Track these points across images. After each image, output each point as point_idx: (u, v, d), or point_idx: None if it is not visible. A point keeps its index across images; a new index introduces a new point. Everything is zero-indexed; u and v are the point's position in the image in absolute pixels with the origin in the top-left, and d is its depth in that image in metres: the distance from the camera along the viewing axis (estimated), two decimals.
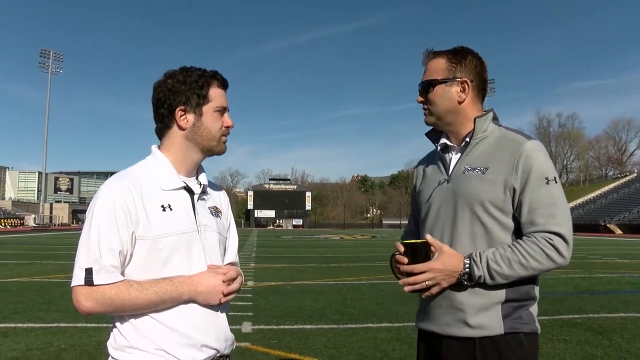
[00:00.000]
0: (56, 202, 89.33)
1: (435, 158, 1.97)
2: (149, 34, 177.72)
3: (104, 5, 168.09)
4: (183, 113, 1.65)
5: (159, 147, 1.71)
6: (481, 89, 1.88)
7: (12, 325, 6.59)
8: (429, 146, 2.01)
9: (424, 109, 1.90)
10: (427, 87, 1.87)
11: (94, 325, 6.34)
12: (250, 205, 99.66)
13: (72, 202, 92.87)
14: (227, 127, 1.72)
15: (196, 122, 1.66)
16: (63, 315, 7.07)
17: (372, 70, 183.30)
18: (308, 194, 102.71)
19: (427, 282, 1.70)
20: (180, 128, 1.67)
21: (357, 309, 8.00)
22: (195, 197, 1.69)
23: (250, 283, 10.81)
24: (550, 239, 1.65)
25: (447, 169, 1.88)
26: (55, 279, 11.37)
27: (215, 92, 1.68)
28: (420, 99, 1.90)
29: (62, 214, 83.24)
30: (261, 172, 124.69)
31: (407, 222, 2.09)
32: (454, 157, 1.88)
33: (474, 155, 1.81)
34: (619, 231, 56.64)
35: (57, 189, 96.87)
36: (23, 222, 68.31)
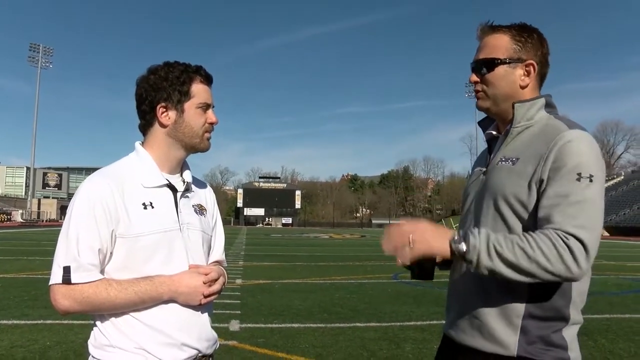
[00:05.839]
0: (44, 197, 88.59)
1: (486, 149, 1.76)
2: (141, 30, 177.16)
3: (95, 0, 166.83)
4: (164, 110, 1.62)
5: (142, 143, 1.69)
6: (543, 74, 1.64)
7: None
8: (420, 146, 1.86)
9: (478, 91, 1.64)
10: (485, 66, 1.60)
11: (80, 322, 6.27)
12: (239, 203, 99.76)
13: (61, 197, 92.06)
14: (211, 124, 1.68)
15: (178, 119, 1.63)
16: (49, 312, 6.98)
17: (365, 69, 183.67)
18: (298, 192, 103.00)
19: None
20: (162, 125, 1.64)
21: (345, 308, 8.00)
22: (178, 194, 1.66)
23: (238, 281, 10.78)
24: (566, 238, 1.34)
25: (488, 161, 1.67)
26: (42, 275, 11.23)
27: (197, 88, 1.64)
28: (475, 78, 1.63)
29: (50, 209, 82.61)
30: (251, 170, 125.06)
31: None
32: (496, 148, 1.66)
33: (513, 145, 1.57)
34: (606, 233, 56.95)
35: (45, 185, 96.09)
36: (10, 218, 67.70)
